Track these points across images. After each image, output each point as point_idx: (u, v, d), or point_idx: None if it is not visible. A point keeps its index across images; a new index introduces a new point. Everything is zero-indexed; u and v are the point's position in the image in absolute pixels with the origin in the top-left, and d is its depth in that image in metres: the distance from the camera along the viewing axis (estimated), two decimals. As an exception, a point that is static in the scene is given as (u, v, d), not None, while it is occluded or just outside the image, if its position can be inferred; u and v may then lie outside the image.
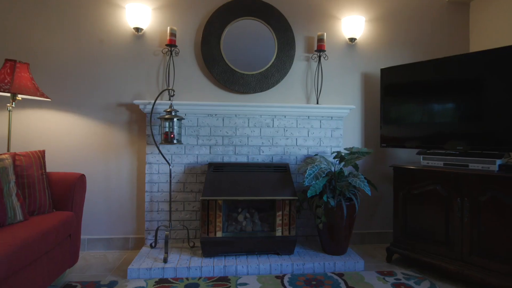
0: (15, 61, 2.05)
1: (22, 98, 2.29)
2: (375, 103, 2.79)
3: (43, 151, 2.09)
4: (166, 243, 2.24)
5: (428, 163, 2.28)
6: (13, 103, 2.12)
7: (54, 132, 2.51)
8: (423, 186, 2.23)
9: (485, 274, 1.89)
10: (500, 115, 2.01)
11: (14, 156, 1.90)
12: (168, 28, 2.48)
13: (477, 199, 1.96)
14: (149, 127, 2.49)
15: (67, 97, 2.52)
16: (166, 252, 2.22)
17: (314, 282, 2.05)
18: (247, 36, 2.62)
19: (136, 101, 2.43)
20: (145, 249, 2.41)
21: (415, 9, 2.83)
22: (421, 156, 2.33)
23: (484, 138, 2.08)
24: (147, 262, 2.17)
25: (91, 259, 2.40)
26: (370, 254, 2.55)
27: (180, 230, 2.54)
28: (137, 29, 2.53)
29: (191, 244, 2.50)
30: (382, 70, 2.57)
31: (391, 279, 2.10)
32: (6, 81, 1.98)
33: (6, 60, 2.04)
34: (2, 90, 1.94)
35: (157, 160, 2.52)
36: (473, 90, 2.12)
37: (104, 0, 2.55)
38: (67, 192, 2.03)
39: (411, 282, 2.06)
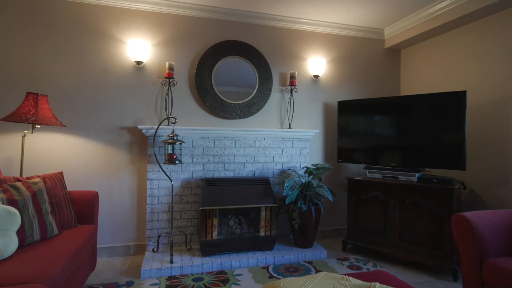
0: (37, 94, 2.32)
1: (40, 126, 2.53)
2: (334, 128, 3.53)
3: (61, 173, 2.40)
4: (171, 246, 2.68)
5: (371, 175, 3.06)
6: (33, 130, 2.38)
7: (62, 153, 2.77)
8: (368, 192, 3.00)
9: (408, 254, 2.71)
10: (416, 146, 2.85)
11: (43, 178, 2.20)
12: (167, 63, 2.90)
13: (404, 202, 2.77)
14: (151, 148, 2.89)
15: (73, 122, 2.80)
16: (172, 254, 2.67)
17: (291, 269, 2.68)
18: (234, 72, 3.16)
19: (140, 126, 2.81)
20: (148, 254, 2.82)
21: (363, 54, 3.63)
22: (367, 170, 3.10)
23: (407, 158, 2.91)
24: (155, 264, 2.59)
25: (99, 266, 2.72)
26: (330, 246, 3.27)
27: (177, 235, 2.98)
28: (138, 62, 2.91)
29: (188, 247, 2.96)
30: (338, 102, 3.31)
31: (346, 263, 2.82)
32: (31, 112, 2.25)
33: (28, 94, 2.30)
34: (30, 121, 2.21)
35: (158, 177, 2.93)
36: (399, 124, 2.95)
37: (107, 36, 2.88)
38: (86, 208, 2.37)
39: (360, 264, 2.81)
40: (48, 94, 2.73)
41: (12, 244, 1.74)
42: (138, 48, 2.88)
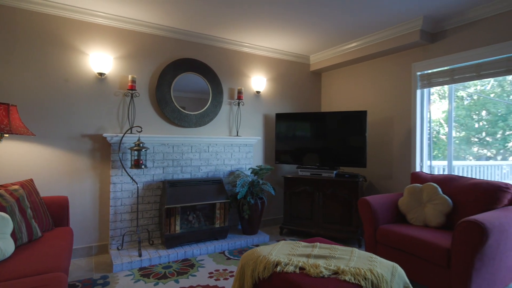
0: (8, 104, 2.40)
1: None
2: (271, 135, 4.27)
3: (32, 180, 2.52)
4: (139, 242, 3.01)
5: (302, 173, 3.88)
6: (1, 139, 2.44)
7: (27, 161, 2.81)
8: (300, 187, 3.81)
9: (329, 231, 3.60)
10: (333, 150, 3.78)
11: (21, 185, 2.32)
12: (130, 76, 3.19)
13: (326, 193, 3.66)
14: (115, 154, 3.13)
15: (37, 130, 2.86)
16: (140, 249, 2.99)
17: (243, 251, 3.29)
18: (191, 86, 3.60)
19: (105, 134, 3.03)
20: (114, 252, 3.07)
21: (294, 75, 4.47)
22: (299, 169, 3.92)
23: (328, 160, 3.82)
24: (125, 259, 2.89)
25: (64, 267, 2.86)
26: (270, 232, 4.00)
27: (141, 233, 3.28)
28: (100, 74, 3.12)
29: (151, 242, 3.30)
30: (276, 114, 4.06)
31: (285, 244, 3.58)
32: (5, 122, 2.33)
33: (0, 104, 2.37)
34: (5, 131, 2.30)
35: (121, 180, 3.19)
36: (321, 134, 3.85)
37: (70, 47, 3.01)
38: (60, 212, 2.55)
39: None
40: (10, 103, 2.74)
41: (10, 245, 1.92)
42: (101, 60, 3.09)
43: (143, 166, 3.07)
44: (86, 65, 3.09)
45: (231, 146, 3.84)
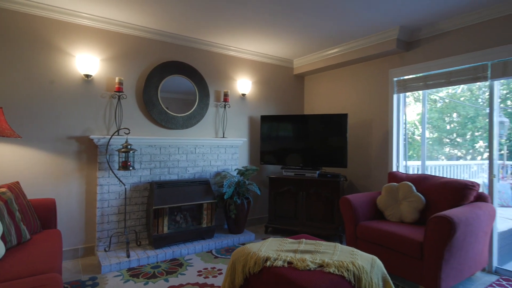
0: (-7, 107, 2.37)
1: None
2: (256, 136, 4.39)
3: (18, 182, 2.51)
4: (127, 243, 3.04)
5: (286, 174, 4.02)
6: (-15, 142, 2.41)
7: (12, 163, 2.77)
8: (284, 187, 3.95)
9: (312, 229, 3.76)
10: (316, 151, 3.95)
11: (8, 188, 2.31)
12: (117, 78, 3.20)
13: (309, 192, 3.82)
14: (102, 156, 3.13)
15: (22, 132, 2.82)
16: (128, 250, 3.02)
17: (230, 250, 3.39)
18: (178, 88, 3.65)
19: (91, 136, 3.04)
20: (101, 253, 3.08)
21: (278, 78, 4.61)
22: (283, 170, 4.06)
23: (310, 160, 3.98)
24: (113, 260, 2.91)
25: (50, 269, 2.85)
26: (255, 231, 4.12)
27: (128, 234, 3.30)
28: (87, 76, 3.12)
29: (139, 243, 3.33)
30: (261, 116, 4.18)
31: (270, 242, 3.70)
32: (-10, 125, 2.31)
33: (-17, 106, 2.34)
34: (-10, 134, 2.28)
35: (108, 182, 3.20)
36: (304, 136, 4.01)
37: (56, 48, 2.99)
38: (48, 214, 2.55)
39: (280, 241, 3.73)
40: (-10, 103, 2.70)
41: (1, 248, 1.92)
42: (87, 62, 3.09)
43: (131, 168, 3.10)
44: (72, 67, 3.08)
45: (218, 148, 3.92)
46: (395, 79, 3.62)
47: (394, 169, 3.63)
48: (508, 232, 3.25)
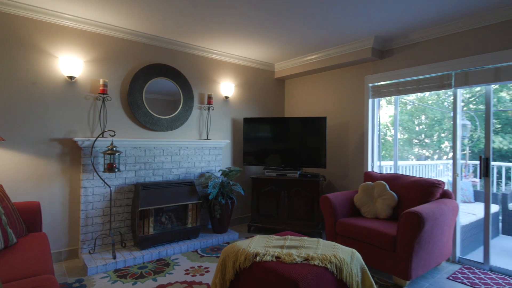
0: (-25, 109, 2.33)
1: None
2: (239, 138, 4.51)
3: (1, 185, 2.47)
4: (113, 245, 3.05)
5: (268, 174, 4.17)
6: (-34, 145, 2.35)
7: (-15, 166, 2.70)
8: (266, 187, 4.10)
9: (293, 227, 3.93)
10: (297, 153, 4.13)
11: (-8, 193, 2.28)
12: (101, 80, 3.21)
13: (290, 192, 3.99)
14: (86, 158, 3.12)
15: (2, 134, 2.76)
16: (114, 251, 3.04)
17: (215, 249, 3.49)
18: (162, 90, 3.69)
19: (76, 138, 3.02)
20: (86, 256, 3.07)
21: (260, 81, 4.75)
22: (265, 170, 4.21)
23: (291, 161, 4.16)
24: (99, 262, 2.92)
25: (33, 273, 2.81)
26: (239, 230, 4.23)
27: (113, 235, 3.31)
28: (70, 77, 3.10)
29: (124, 244, 3.34)
30: (244, 118, 4.30)
31: (253, 240, 3.83)
32: (-28, 128, 2.27)
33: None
34: (-27, 137, 2.24)
35: (92, 184, 3.19)
36: (286, 137, 4.18)
37: (39, 50, 2.95)
38: (33, 218, 2.53)
39: (263, 239, 3.87)
40: (-32, 105, 2.63)
41: (-11, 252, 1.92)
42: (70, 63, 3.06)
43: (116, 170, 3.11)
44: (55, 68, 3.05)
45: (202, 149, 4.00)
46: (370, 84, 3.87)
47: (370, 169, 3.88)
48: (470, 225, 3.59)
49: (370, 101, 3.89)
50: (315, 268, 1.81)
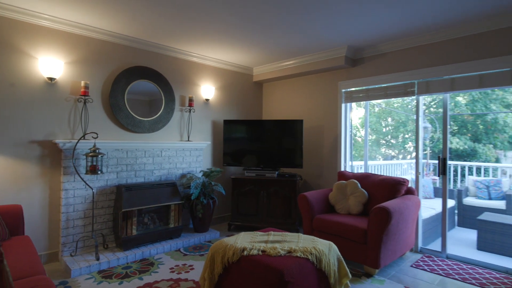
0: (-47, 111, 2.28)
1: None
2: (219, 140, 4.63)
3: (-20, 189, 2.43)
4: (96, 246, 3.06)
5: (248, 174, 4.34)
6: None
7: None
8: (246, 187, 4.26)
9: (272, 225, 4.13)
10: (275, 153, 4.34)
11: (-27, 197, 2.24)
12: (82, 82, 3.20)
13: (269, 191, 4.18)
14: (67, 160, 3.11)
15: (-22, 136, 2.70)
16: (97, 253, 3.05)
17: (197, 248, 3.60)
18: (144, 92, 3.73)
19: (57, 140, 3.01)
20: (67, 258, 3.06)
21: (239, 84, 4.90)
22: (245, 171, 4.37)
23: (270, 162, 4.36)
24: (82, 263, 2.93)
25: (12, 278, 2.77)
26: (219, 229, 4.36)
27: (95, 237, 3.31)
28: (50, 79, 3.07)
29: (106, 246, 3.35)
30: (224, 120, 4.43)
31: (234, 238, 3.98)
32: (-48, 131, 2.22)
33: None
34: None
35: (73, 187, 3.18)
36: (264, 139, 4.37)
37: (17, 50, 2.90)
38: (15, 221, 2.51)
39: (243, 237, 4.03)
40: None
41: (-24, 256, 1.91)
42: (50, 64, 3.04)
43: (99, 172, 3.13)
44: (34, 69, 3.01)
45: (183, 151, 4.08)
46: (343, 90, 4.16)
47: (343, 169, 4.17)
48: (430, 219, 3.98)
49: (343, 105, 4.18)
50: (297, 259, 2.00)
